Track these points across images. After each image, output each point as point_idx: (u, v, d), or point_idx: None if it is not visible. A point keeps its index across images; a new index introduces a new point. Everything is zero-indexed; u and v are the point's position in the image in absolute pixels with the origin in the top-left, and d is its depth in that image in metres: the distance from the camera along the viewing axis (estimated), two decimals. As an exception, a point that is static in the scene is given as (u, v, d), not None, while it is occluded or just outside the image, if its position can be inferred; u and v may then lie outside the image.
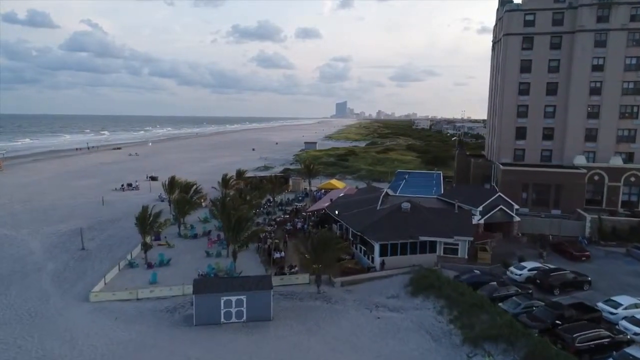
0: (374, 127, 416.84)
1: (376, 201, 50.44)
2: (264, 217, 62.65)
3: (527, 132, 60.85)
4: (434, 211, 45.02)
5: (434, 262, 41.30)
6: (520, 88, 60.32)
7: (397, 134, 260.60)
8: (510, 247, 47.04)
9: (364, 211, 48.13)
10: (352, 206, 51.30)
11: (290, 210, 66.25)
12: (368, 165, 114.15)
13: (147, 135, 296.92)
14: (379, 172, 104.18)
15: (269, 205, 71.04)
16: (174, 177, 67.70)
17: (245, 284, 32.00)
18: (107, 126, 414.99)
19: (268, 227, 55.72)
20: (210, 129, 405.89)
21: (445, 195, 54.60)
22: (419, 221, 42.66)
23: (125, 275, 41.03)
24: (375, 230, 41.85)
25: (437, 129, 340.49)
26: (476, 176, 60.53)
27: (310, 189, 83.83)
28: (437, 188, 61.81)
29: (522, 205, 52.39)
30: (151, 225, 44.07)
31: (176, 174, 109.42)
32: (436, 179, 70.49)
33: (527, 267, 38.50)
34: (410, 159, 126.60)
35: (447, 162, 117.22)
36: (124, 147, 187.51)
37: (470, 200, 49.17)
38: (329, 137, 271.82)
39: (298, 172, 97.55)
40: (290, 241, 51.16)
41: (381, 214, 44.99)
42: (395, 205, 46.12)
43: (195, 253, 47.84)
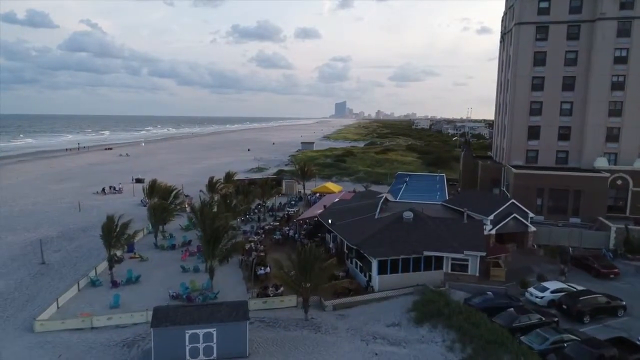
0: (373, 127, 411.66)
1: (374, 208, 45.10)
2: (252, 225, 57.27)
3: (540, 132, 55.27)
4: (440, 221, 39.57)
5: (441, 281, 35.94)
6: (534, 83, 54.74)
7: (396, 134, 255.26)
8: (525, 261, 41.67)
9: (361, 220, 42.73)
10: (348, 214, 45.92)
11: (281, 217, 60.83)
12: (366, 167, 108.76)
13: (147, 135, 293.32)
14: (378, 174, 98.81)
15: (259, 210, 65.66)
16: (156, 181, 62.20)
17: (216, 313, 26.53)
18: (108, 126, 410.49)
19: (255, 237, 50.35)
20: (208, 129, 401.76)
21: (450, 201, 49.19)
22: (423, 233, 37.25)
23: (84, 296, 35.51)
24: (373, 243, 36.44)
25: (437, 128, 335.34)
26: (484, 180, 55.07)
27: (304, 193, 78.43)
28: (441, 193, 56.42)
29: (537, 212, 47.00)
30: (118, 237, 38.59)
31: (165, 175, 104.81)
32: (439, 182, 65.09)
33: (550, 287, 33.06)
34: (411, 160, 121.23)
35: (449, 163, 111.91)
36: (116, 148, 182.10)
37: (479, 208, 43.79)
38: (327, 137, 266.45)
39: (292, 174, 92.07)
40: (278, 253, 45.81)
41: (380, 224, 39.58)
42: (395, 214, 40.70)
43: (171, 267, 42.43)
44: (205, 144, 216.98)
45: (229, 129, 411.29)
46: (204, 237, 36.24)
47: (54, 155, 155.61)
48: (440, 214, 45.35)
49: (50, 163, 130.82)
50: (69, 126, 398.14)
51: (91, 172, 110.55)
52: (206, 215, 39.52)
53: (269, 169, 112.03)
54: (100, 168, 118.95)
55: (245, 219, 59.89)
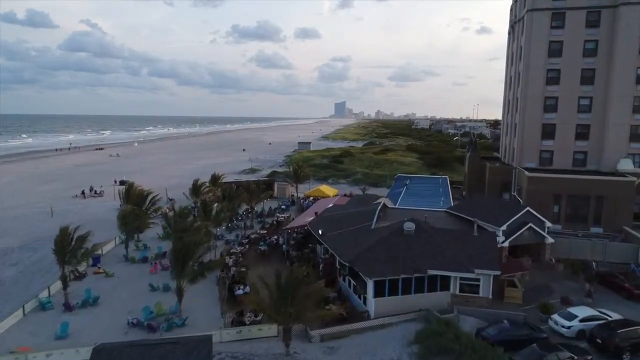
0: (373, 126, 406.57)
1: (371, 216, 39.90)
2: (237, 233, 52.07)
3: (556, 130, 49.92)
4: (447, 233, 34.31)
5: (448, 304, 30.76)
6: (548, 76, 49.41)
7: (396, 134, 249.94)
8: (543, 278, 36.47)
9: (355, 231, 37.51)
10: (341, 223, 40.71)
11: (270, 224, 55.57)
12: (364, 168, 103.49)
13: (145, 135, 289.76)
14: (377, 176, 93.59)
15: (247, 216, 60.45)
16: (133, 184, 57.03)
17: (169, 355, 21.26)
18: (109, 126, 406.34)
19: (238, 247, 45.14)
20: (207, 129, 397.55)
21: (456, 208, 43.94)
22: (427, 248, 32.02)
23: (29, 323, 30.31)
24: (368, 260, 31.22)
25: (437, 128, 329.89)
26: (492, 183, 49.78)
27: (297, 196, 73.21)
28: (445, 198, 51.18)
29: (553, 221, 41.72)
30: (73, 252, 33.36)
31: (153, 177, 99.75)
32: (443, 185, 59.81)
33: (578, 315, 27.79)
34: (411, 161, 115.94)
35: (451, 164, 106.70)
36: (107, 148, 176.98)
37: (489, 216, 38.58)
38: (326, 137, 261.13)
39: (286, 176, 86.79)
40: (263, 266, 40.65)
41: (377, 236, 34.34)
42: (394, 225, 35.47)
43: (138, 285, 37.28)
44: (201, 144, 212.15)
45: (227, 129, 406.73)
46: (172, 253, 31.01)
47: (44, 156, 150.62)
48: (445, 222, 40.12)
49: (37, 164, 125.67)
50: (69, 126, 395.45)
51: (76, 173, 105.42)
52: (178, 227, 34.27)
53: (262, 170, 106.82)
54: (87, 169, 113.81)
55: (231, 226, 54.75)
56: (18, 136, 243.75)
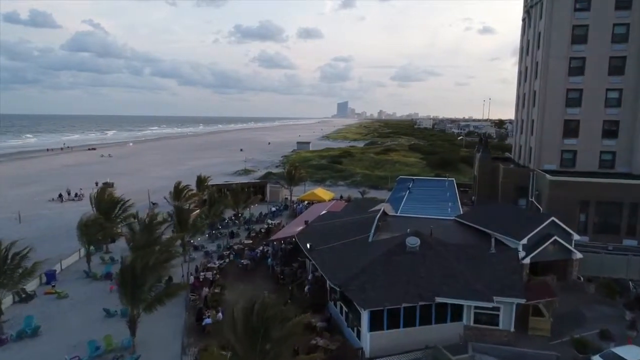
0: (375, 126, 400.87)
1: (368, 227, 34.28)
2: (220, 242, 46.50)
3: (580, 127, 44.00)
4: (458, 250, 28.57)
5: (460, 338, 25.10)
6: (571, 66, 43.52)
7: (398, 134, 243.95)
8: (571, 302, 30.66)
9: (350, 245, 31.86)
10: (334, 234, 35.09)
11: (257, 232, 49.90)
12: (365, 169, 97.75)
13: (147, 135, 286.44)
14: (377, 178, 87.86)
15: (233, 223, 54.90)
16: (104, 188, 51.44)
17: None
18: (114, 126, 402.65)
19: (217, 261, 39.55)
20: (210, 129, 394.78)
21: (467, 216, 38.18)
22: (435, 268, 26.31)
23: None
24: (363, 284, 25.53)
25: (440, 128, 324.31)
26: (506, 187, 43.88)
27: (291, 200, 67.59)
28: (453, 203, 45.43)
29: (580, 232, 35.89)
30: (9, 274, 27.80)
31: (141, 178, 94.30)
32: (449, 189, 54.06)
33: (627, 359, 22.03)
34: (414, 161, 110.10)
35: (456, 165, 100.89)
36: (100, 148, 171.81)
37: (506, 227, 32.91)
38: (326, 136, 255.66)
39: (280, 178, 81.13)
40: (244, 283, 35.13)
41: (374, 253, 28.66)
42: (395, 240, 29.74)
43: (93, 309, 31.60)
44: (199, 144, 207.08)
45: (229, 129, 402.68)
46: (120, 275, 25.37)
47: (33, 156, 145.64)
48: (454, 235, 34.42)
49: (23, 165, 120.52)
50: (74, 126, 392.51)
51: (61, 174, 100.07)
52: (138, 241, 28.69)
53: (257, 171, 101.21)
54: (74, 170, 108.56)
55: (213, 235, 49.20)
56: (22, 136, 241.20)
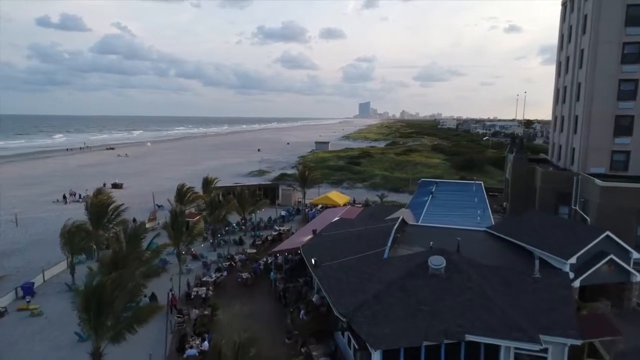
0: (397, 126, 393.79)
1: (384, 238, 29.47)
2: (222, 252, 42.22)
3: (634, 124, 37.99)
4: (493, 273, 23.39)
5: (496, 385, 20.00)
6: (625, 52, 37.43)
7: (421, 134, 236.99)
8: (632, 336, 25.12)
9: (362, 261, 27.06)
10: (344, 246, 30.39)
11: (262, 240, 45.42)
12: (384, 170, 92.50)
13: (171, 134, 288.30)
14: (398, 180, 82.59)
15: (239, 229, 50.70)
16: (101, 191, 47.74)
17: None
18: (142, 126, 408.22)
19: (213, 274, 35.22)
20: (233, 129, 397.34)
21: (501, 228, 32.84)
22: (465, 297, 21.26)
23: None
24: (375, 315, 20.72)
25: (464, 128, 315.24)
26: (545, 194, 38.13)
27: (304, 204, 63.10)
28: (482, 211, 40.04)
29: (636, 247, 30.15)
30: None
31: (151, 179, 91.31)
32: (477, 194, 48.66)
33: None
34: (437, 163, 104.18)
35: (483, 166, 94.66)
36: (119, 148, 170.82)
37: (550, 242, 27.64)
38: (347, 136, 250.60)
39: (294, 179, 76.71)
40: (241, 303, 30.73)
41: (390, 274, 23.79)
42: (416, 258, 24.79)
43: (66, 330, 27.62)
44: (218, 144, 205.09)
45: (251, 129, 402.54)
46: (82, 298, 21.14)
47: (51, 156, 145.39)
48: (487, 251, 29.27)
49: (37, 164, 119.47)
50: (105, 126, 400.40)
51: (73, 175, 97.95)
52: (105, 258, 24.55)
53: (272, 172, 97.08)
54: (87, 170, 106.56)
55: (216, 242, 44.98)
56: (53, 136, 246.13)
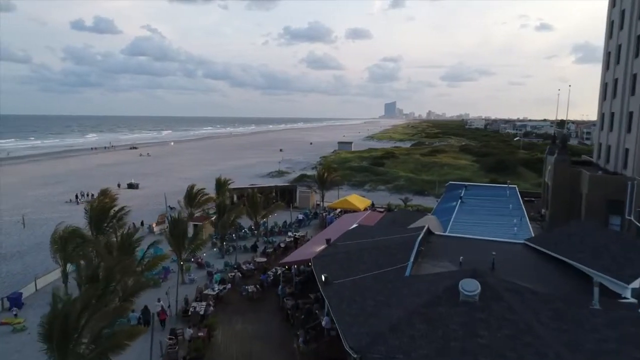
0: (423, 126, 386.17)
1: (406, 251, 25.52)
2: (229, 260, 38.93)
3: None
4: (540, 302, 19.07)
5: None
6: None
7: (448, 134, 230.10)
8: None
9: (380, 279, 23.17)
10: (361, 259, 26.54)
11: (274, 247, 41.89)
12: (409, 172, 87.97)
13: (197, 134, 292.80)
14: (423, 182, 78.01)
15: (252, 234, 47.46)
16: (106, 193, 45.31)
17: None
18: (171, 126, 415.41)
19: (217, 287, 31.85)
20: (258, 129, 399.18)
21: (543, 240, 28.32)
22: (505, 331, 17.11)
23: None
24: (393, 352, 16.82)
25: (493, 128, 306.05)
26: (594, 202, 33.09)
27: (322, 207, 59.51)
28: (519, 220, 35.44)
29: None
30: None
31: (168, 179, 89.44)
32: (512, 199, 43.96)
33: None
34: (466, 164, 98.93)
35: (515, 168, 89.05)
36: (142, 147, 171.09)
37: (602, 260, 23.14)
38: (371, 136, 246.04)
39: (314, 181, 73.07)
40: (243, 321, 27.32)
41: (412, 297, 19.86)
42: (443, 279, 20.73)
43: (47, 350, 24.71)
44: (241, 144, 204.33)
45: (276, 129, 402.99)
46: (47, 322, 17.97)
47: (75, 155, 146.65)
48: (527, 268, 24.97)
49: (59, 163, 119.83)
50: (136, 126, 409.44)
51: (92, 174, 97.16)
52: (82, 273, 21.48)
53: (292, 173, 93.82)
54: (106, 169, 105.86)
55: (225, 249, 41.77)
56: (85, 135, 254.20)
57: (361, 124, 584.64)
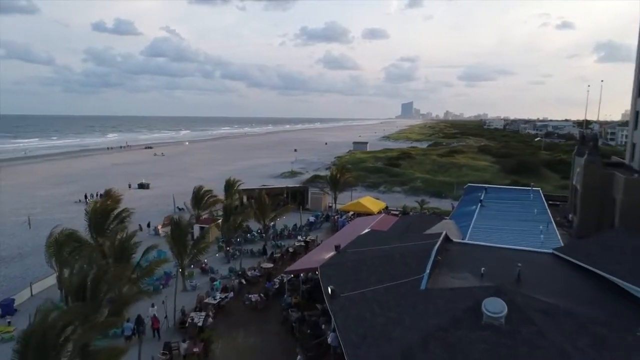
0: (440, 126, 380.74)
1: (422, 261, 23.18)
2: (234, 266, 36.99)
3: None
4: (577, 326, 16.57)
5: None
6: None
7: (466, 134, 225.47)
8: None
9: (392, 292, 20.90)
10: (372, 269, 24.26)
11: (281, 252, 39.79)
12: (425, 173, 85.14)
13: (213, 134, 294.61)
14: (441, 184, 75.20)
15: (261, 237, 45.52)
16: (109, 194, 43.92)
17: None
18: (187, 126, 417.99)
19: (218, 295, 29.91)
20: (275, 129, 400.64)
21: (575, 251, 25.65)
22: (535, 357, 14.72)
23: None
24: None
25: (512, 128, 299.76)
26: (629, 208, 30.13)
27: (334, 209, 57.33)
28: (546, 227, 32.68)
29: None
30: None
31: (180, 179, 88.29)
32: (537, 203, 41.15)
33: None
34: (485, 165, 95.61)
35: (537, 170, 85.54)
36: (157, 147, 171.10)
37: None
38: (387, 137, 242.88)
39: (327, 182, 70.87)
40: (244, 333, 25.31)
41: (429, 317, 17.56)
42: (464, 297, 18.35)
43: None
44: (256, 144, 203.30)
45: (293, 129, 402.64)
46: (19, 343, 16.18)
47: (91, 154, 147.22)
48: (557, 283, 22.43)
49: (74, 163, 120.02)
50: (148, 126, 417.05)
51: (105, 173, 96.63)
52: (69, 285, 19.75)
53: (305, 173, 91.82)
54: (120, 169, 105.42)
55: (230, 253, 39.88)
56: (106, 135, 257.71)
57: (377, 124, 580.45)
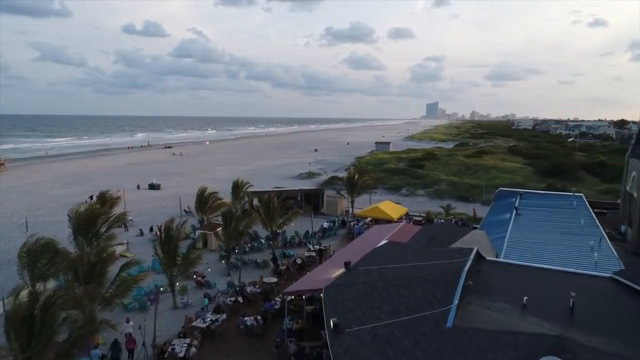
0: (466, 127, 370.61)
1: (448, 286, 18.61)
2: (232, 280, 32.93)
3: None
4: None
5: None
6: None
7: (493, 134, 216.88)
8: None
9: (409, 330, 16.38)
10: (385, 295, 19.82)
11: (288, 264, 35.49)
12: (451, 175, 79.57)
13: (240, 133, 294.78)
14: (468, 187, 69.70)
15: (269, 245, 41.44)
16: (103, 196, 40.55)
17: None
18: (217, 126, 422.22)
19: (209, 317, 25.81)
20: (299, 128, 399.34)
21: (636, 273, 20.57)
22: None
23: None
24: None
25: (542, 129, 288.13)
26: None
27: (352, 215, 52.86)
28: (598, 243, 27.43)
29: None
30: None
31: (195, 179, 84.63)
32: (582, 212, 35.77)
33: None
34: (516, 167, 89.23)
35: (574, 173, 78.99)
36: (177, 146, 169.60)
37: None
38: (411, 137, 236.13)
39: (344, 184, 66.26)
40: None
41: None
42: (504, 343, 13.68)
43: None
44: (276, 144, 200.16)
45: (317, 129, 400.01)
46: None
47: (110, 153, 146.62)
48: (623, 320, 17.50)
49: (91, 162, 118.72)
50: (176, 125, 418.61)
51: (119, 173, 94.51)
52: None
53: (323, 174, 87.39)
54: (135, 168, 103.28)
55: (231, 264, 35.87)
56: (134, 134, 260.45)
57: (402, 124, 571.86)
